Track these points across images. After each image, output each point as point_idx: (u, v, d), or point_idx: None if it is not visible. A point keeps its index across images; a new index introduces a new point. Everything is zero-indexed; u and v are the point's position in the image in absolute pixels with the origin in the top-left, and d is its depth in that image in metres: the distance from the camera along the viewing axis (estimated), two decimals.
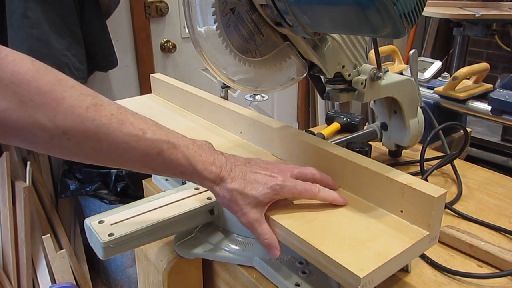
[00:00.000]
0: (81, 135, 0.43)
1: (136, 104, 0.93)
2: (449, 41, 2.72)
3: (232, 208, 0.51)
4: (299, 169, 0.55)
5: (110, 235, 0.51)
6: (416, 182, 0.49)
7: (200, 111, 0.84)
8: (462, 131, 0.87)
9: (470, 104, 1.03)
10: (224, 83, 0.74)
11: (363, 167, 0.54)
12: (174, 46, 1.96)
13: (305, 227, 0.49)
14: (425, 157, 0.80)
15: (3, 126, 0.42)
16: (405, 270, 0.58)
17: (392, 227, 0.49)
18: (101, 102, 0.45)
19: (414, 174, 0.75)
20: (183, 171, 0.49)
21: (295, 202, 0.55)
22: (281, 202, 0.54)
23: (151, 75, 0.99)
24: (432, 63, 1.11)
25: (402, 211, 0.51)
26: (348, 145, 0.78)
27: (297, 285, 0.53)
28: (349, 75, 0.64)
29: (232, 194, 0.50)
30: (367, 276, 0.41)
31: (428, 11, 1.81)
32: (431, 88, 1.07)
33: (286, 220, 0.50)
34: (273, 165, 0.55)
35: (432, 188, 0.48)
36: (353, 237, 0.47)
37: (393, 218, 0.51)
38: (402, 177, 0.51)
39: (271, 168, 0.53)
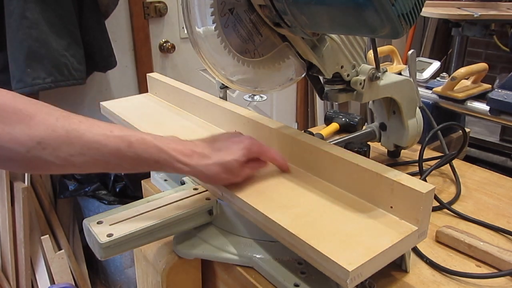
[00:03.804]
0: (54, 142, 0.48)
1: (132, 103, 0.92)
2: (447, 41, 2.73)
3: (220, 181, 0.57)
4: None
5: (109, 235, 0.51)
6: (405, 178, 0.50)
7: (196, 110, 0.84)
8: (460, 131, 0.87)
9: (468, 104, 1.03)
10: (222, 84, 0.74)
11: (353, 164, 0.55)
12: (173, 47, 1.96)
13: (296, 222, 0.49)
14: (424, 157, 0.80)
15: None
16: (404, 270, 0.58)
17: (382, 222, 0.50)
18: (68, 114, 0.51)
19: (412, 174, 0.76)
20: (157, 160, 0.52)
21: (288, 198, 0.55)
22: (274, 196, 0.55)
23: (147, 74, 0.98)
24: (431, 63, 1.12)
25: (392, 207, 0.52)
26: (346, 145, 0.78)
27: (296, 285, 0.54)
28: (348, 75, 0.64)
29: (213, 169, 0.54)
30: (355, 270, 0.42)
31: (426, 11, 1.81)
32: (430, 88, 1.07)
33: (278, 215, 0.51)
34: (233, 134, 0.62)
35: (421, 184, 0.49)
36: (343, 232, 0.48)
37: (383, 213, 0.52)
38: (391, 173, 0.51)
39: (234, 136, 0.60)
